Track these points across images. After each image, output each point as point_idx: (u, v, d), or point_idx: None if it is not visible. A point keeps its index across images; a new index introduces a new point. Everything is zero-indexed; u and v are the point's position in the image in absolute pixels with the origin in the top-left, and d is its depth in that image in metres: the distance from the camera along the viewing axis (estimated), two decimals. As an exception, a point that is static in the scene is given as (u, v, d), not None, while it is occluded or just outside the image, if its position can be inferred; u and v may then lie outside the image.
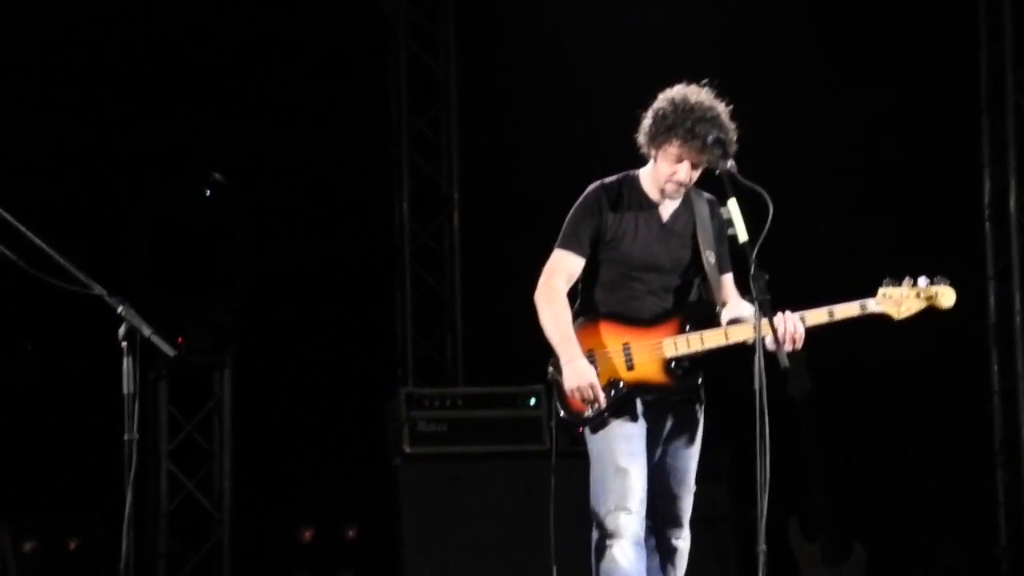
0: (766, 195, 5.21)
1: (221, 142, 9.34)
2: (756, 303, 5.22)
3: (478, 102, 10.27)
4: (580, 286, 5.76)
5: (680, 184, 5.65)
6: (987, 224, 10.05)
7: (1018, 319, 9.92)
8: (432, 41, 10.31)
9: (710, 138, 5.48)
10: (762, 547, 5.14)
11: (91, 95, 9.20)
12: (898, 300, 5.56)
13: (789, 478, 5.52)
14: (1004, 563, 9.86)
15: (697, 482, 5.80)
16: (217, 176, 8.81)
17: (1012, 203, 9.93)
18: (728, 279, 5.75)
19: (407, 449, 8.65)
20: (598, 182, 5.77)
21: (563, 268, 5.69)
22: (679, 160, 5.60)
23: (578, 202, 5.75)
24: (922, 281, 5.56)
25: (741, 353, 5.48)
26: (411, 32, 10.25)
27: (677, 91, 5.64)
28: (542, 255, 5.77)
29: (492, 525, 8.50)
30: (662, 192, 5.70)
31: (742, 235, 5.29)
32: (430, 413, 8.74)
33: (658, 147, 5.62)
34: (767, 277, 5.19)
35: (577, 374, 5.58)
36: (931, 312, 5.57)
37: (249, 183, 9.04)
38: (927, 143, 9.85)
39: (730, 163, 5.42)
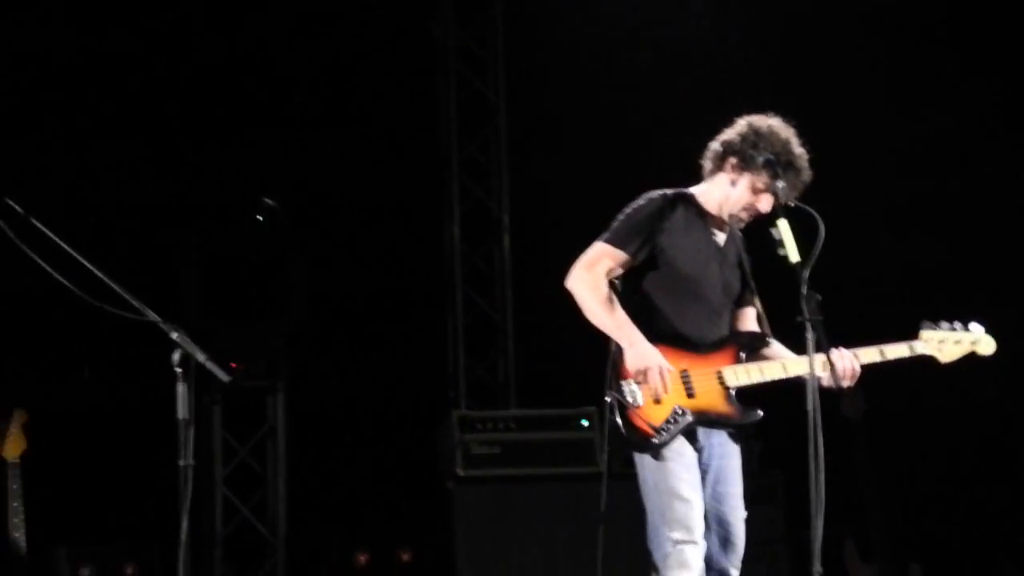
0: (818, 217, 5.19)
1: (273, 168, 9.40)
2: (808, 324, 5.18)
3: (527, 125, 10.29)
4: (625, 302, 5.52)
5: (757, 215, 5.53)
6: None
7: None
8: (481, 64, 10.34)
9: (766, 159, 5.44)
10: (818, 568, 5.11)
11: (146, 122, 9.28)
12: (941, 345, 5.54)
13: (844, 498, 5.48)
14: (1063, 583, 9.77)
15: (752, 504, 5.75)
16: (269, 202, 8.85)
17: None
18: (761, 310, 5.64)
19: (460, 472, 8.65)
20: (659, 192, 5.59)
21: (605, 262, 5.47)
22: (763, 191, 5.49)
23: (636, 204, 5.56)
24: (958, 326, 5.55)
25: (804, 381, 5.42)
26: (460, 55, 10.29)
27: (775, 122, 5.56)
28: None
29: (545, 547, 8.49)
30: (727, 218, 5.58)
31: (793, 256, 5.23)
32: (483, 436, 8.74)
33: (743, 173, 5.52)
34: (819, 298, 5.17)
35: (642, 357, 5.36)
36: (974, 357, 5.55)
37: (301, 208, 9.09)
38: (988, 166, 9.76)
39: (781, 183, 5.39)
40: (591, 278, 5.45)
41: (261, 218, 8.85)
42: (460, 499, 8.63)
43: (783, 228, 5.28)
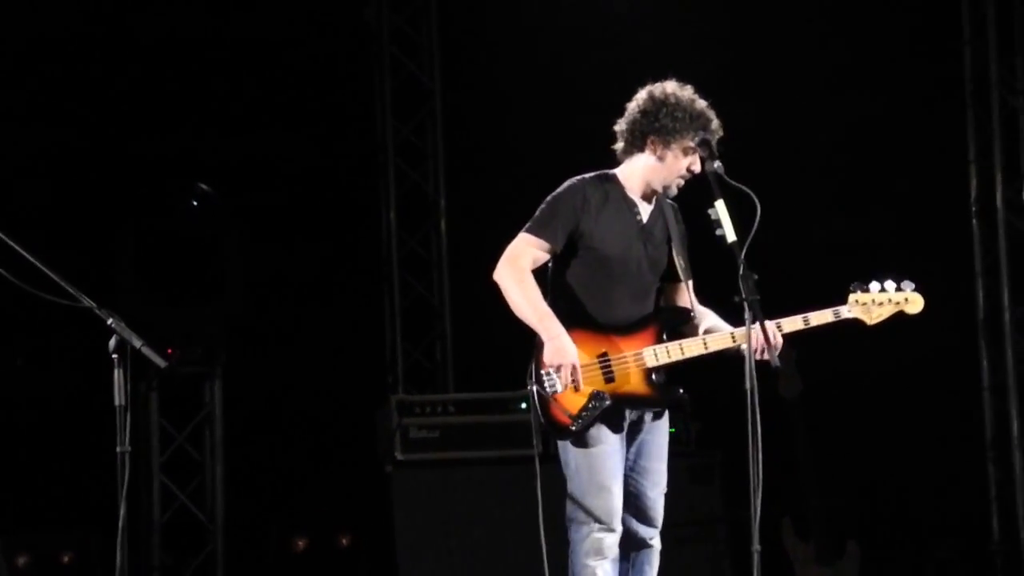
0: (754, 196, 5.21)
1: (207, 151, 9.34)
2: (745, 304, 5.21)
3: (463, 108, 10.27)
4: (551, 288, 5.59)
5: (692, 176, 5.57)
6: (974, 220, 10.07)
7: (1006, 314, 9.94)
8: (415, 48, 10.31)
9: (702, 138, 5.48)
10: (756, 547, 5.14)
11: (78, 106, 9.20)
12: (868, 306, 5.56)
13: (782, 478, 5.52)
14: (997, 559, 9.88)
15: (691, 483, 5.79)
16: (203, 186, 8.80)
17: (999, 198, 9.96)
18: (690, 285, 5.67)
19: (399, 456, 8.65)
20: (579, 177, 5.64)
21: (529, 253, 5.52)
22: (692, 152, 5.54)
23: (558, 193, 5.61)
24: (889, 286, 5.58)
25: (730, 355, 5.47)
26: (394, 39, 10.25)
27: (672, 86, 5.60)
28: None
29: (485, 530, 8.50)
30: (661, 190, 5.63)
31: (730, 235, 5.26)
32: (421, 420, 8.73)
33: (668, 142, 5.53)
34: (756, 277, 5.19)
35: (558, 352, 5.42)
36: (902, 316, 5.58)
37: (236, 193, 9.04)
38: (914, 141, 9.88)
39: (717, 163, 5.42)
40: (514, 271, 5.50)
41: (196, 203, 8.80)
42: (399, 483, 8.62)
43: (720, 209, 5.30)
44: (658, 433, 5.68)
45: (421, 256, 10.29)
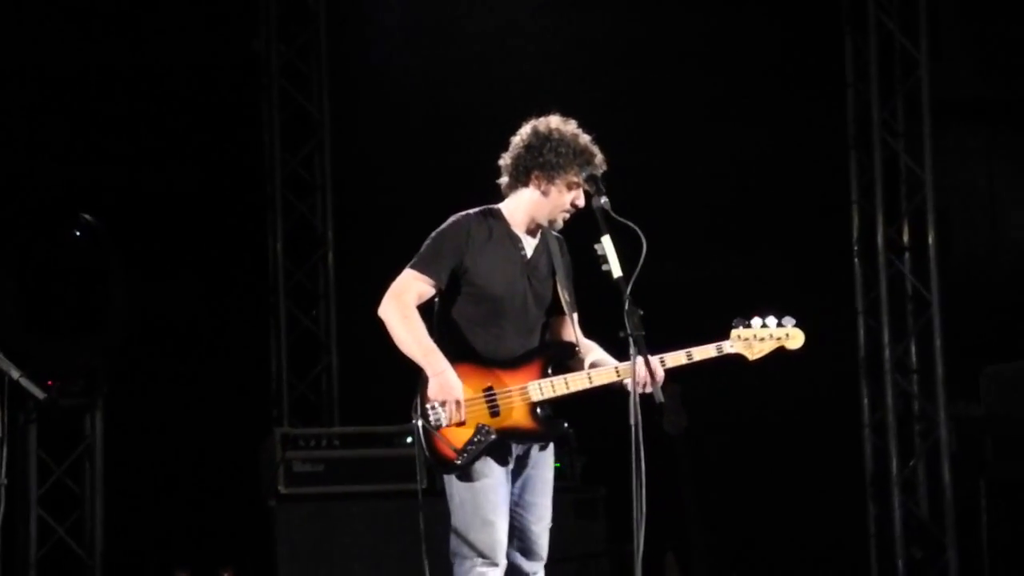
0: (639, 231, 5.25)
1: (92, 181, 9.23)
2: (630, 339, 5.24)
3: (352, 141, 10.26)
4: (437, 323, 5.61)
5: (577, 211, 5.60)
6: (856, 260, 10.22)
7: (887, 352, 10.09)
8: (305, 80, 10.28)
9: (589, 174, 5.51)
10: (639, 582, 5.16)
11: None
12: (750, 342, 5.63)
13: (666, 513, 5.55)
14: (876, 594, 10.01)
15: (575, 518, 5.80)
16: (88, 217, 8.69)
17: (879, 239, 10.12)
18: (575, 318, 5.69)
19: (282, 490, 8.57)
20: (464, 213, 5.66)
21: (414, 290, 5.53)
22: (576, 186, 5.57)
23: (442, 229, 5.62)
24: (771, 322, 5.64)
25: (615, 389, 5.50)
26: (283, 71, 10.22)
27: (556, 121, 5.62)
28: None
29: (369, 564, 8.45)
30: (546, 224, 5.66)
31: (616, 271, 5.31)
32: (306, 453, 8.67)
33: (552, 177, 5.56)
34: (641, 313, 5.23)
35: (442, 388, 5.44)
36: (783, 352, 5.65)
37: (121, 223, 8.93)
38: (799, 180, 10.03)
39: (603, 199, 5.45)
40: (399, 307, 5.51)
41: (79, 233, 8.68)
42: (282, 517, 8.55)
43: (607, 244, 5.35)
44: (543, 467, 5.70)
45: (308, 288, 10.25)
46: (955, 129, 10.41)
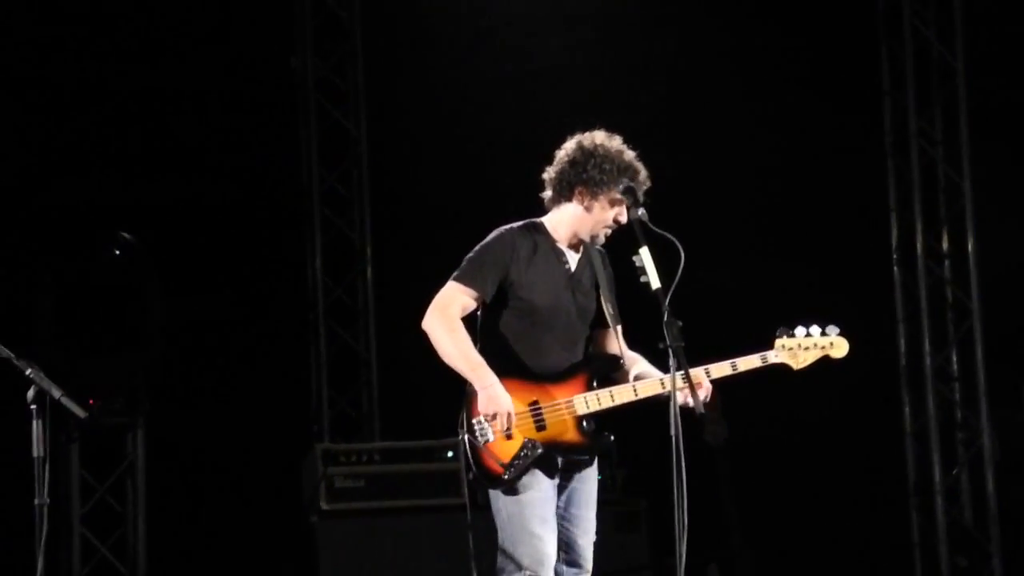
0: (678, 243, 5.24)
1: (131, 199, 9.27)
2: (670, 350, 5.23)
3: (389, 156, 10.27)
4: (481, 337, 5.60)
5: (619, 227, 5.59)
6: (895, 268, 10.18)
7: (927, 361, 10.04)
8: (341, 96, 10.30)
9: (626, 186, 5.50)
10: (683, 594, 5.15)
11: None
12: (795, 351, 5.60)
13: (707, 525, 5.52)
14: (921, 604, 9.95)
15: (616, 531, 5.79)
16: (125, 235, 8.73)
17: (919, 246, 10.07)
18: (619, 331, 5.69)
19: (324, 506, 8.58)
20: (508, 226, 5.65)
21: (459, 301, 5.52)
22: (619, 203, 5.55)
23: (487, 242, 5.61)
24: (815, 331, 5.61)
25: (661, 401, 5.48)
26: (320, 87, 10.25)
27: (601, 136, 5.62)
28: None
29: (412, 580, 8.45)
30: (588, 239, 5.65)
31: (655, 282, 5.30)
32: (347, 469, 8.67)
33: (596, 193, 5.55)
34: (680, 324, 5.21)
35: (492, 401, 5.42)
36: (827, 361, 5.62)
37: (160, 240, 8.97)
38: (838, 189, 10.00)
39: (641, 211, 5.45)
40: (445, 320, 5.50)
41: (118, 251, 8.72)
42: (324, 533, 8.55)
43: (645, 256, 5.34)
44: (588, 480, 5.69)
45: (347, 304, 10.26)
46: (994, 134, 10.34)
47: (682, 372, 5.24)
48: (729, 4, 10.06)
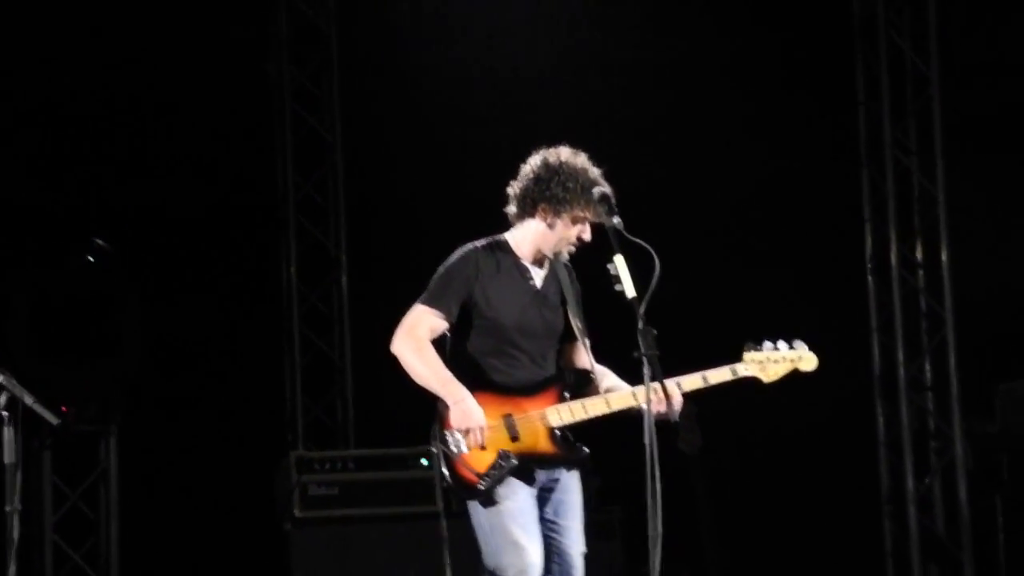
0: (652, 251, 5.25)
1: (106, 206, 9.25)
2: (644, 359, 5.23)
3: (365, 164, 10.27)
4: (451, 356, 5.61)
5: (582, 244, 5.62)
6: (869, 277, 10.22)
7: (901, 370, 10.07)
8: (317, 103, 10.30)
9: (601, 193, 5.50)
10: (656, 602, 5.15)
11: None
12: (763, 364, 5.63)
13: (681, 533, 5.53)
14: (894, 613, 9.98)
15: (591, 540, 5.79)
16: (100, 242, 8.71)
17: (893, 256, 10.11)
18: (587, 345, 5.70)
19: (298, 513, 8.57)
20: (471, 245, 5.66)
21: (425, 324, 5.54)
22: (582, 221, 5.57)
23: (450, 263, 5.63)
24: (782, 345, 5.64)
25: (633, 414, 5.49)
26: (295, 94, 10.24)
27: (566, 153, 5.61)
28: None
29: (386, 588, 8.44)
30: (552, 256, 5.67)
31: (629, 291, 5.29)
32: (321, 476, 8.66)
33: (559, 211, 5.56)
34: (655, 332, 5.22)
35: (466, 415, 5.44)
36: (797, 374, 5.64)
37: (135, 247, 8.95)
38: (812, 198, 10.03)
39: (616, 219, 5.45)
40: (412, 340, 5.52)
41: (92, 259, 8.70)
42: (298, 541, 8.54)
43: (619, 264, 5.34)
44: (572, 492, 5.70)
45: (322, 312, 10.25)
46: (968, 145, 10.39)
47: (656, 382, 5.25)
48: (702, 15, 10.08)
